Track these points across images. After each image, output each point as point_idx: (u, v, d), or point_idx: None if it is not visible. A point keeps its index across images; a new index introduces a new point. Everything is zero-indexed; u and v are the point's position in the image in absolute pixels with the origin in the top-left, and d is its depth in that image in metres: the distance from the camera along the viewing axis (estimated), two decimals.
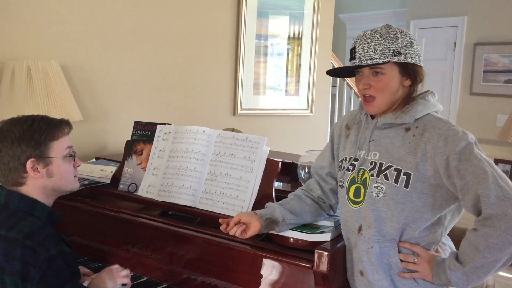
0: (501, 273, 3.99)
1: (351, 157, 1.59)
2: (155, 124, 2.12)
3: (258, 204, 1.75)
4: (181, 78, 3.26)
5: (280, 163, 1.85)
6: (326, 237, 1.58)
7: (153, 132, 2.11)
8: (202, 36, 3.32)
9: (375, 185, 1.50)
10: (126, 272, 1.65)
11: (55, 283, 1.37)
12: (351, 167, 1.58)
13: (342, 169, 1.62)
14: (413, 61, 1.49)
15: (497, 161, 4.63)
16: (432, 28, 5.44)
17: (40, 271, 1.35)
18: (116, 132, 2.90)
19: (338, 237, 1.63)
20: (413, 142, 1.47)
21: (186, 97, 3.30)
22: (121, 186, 2.12)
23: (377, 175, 1.50)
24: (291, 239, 1.59)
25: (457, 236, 1.96)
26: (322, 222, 1.70)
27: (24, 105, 2.31)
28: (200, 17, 3.30)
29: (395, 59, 1.47)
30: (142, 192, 2.03)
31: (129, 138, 2.19)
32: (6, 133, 1.45)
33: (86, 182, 2.14)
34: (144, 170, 2.07)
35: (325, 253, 1.48)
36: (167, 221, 1.87)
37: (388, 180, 1.48)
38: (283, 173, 1.95)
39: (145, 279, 1.87)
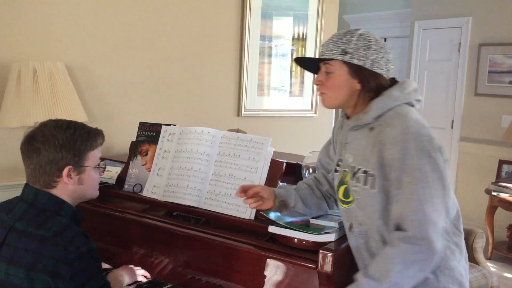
0: (507, 274, 3.98)
1: (339, 159, 1.63)
2: (160, 125, 2.13)
3: None
4: (185, 79, 3.27)
5: (285, 163, 1.86)
6: (331, 237, 1.58)
7: (158, 133, 2.12)
8: (206, 38, 3.33)
9: (353, 188, 1.53)
10: (144, 271, 1.75)
11: (84, 279, 1.41)
12: (338, 168, 1.62)
13: (333, 170, 1.66)
14: (360, 63, 1.48)
15: (501, 162, 4.62)
16: (436, 29, 5.42)
17: (71, 268, 1.38)
18: (121, 133, 2.91)
19: (342, 238, 1.63)
20: (373, 141, 1.47)
21: (190, 98, 3.31)
22: (126, 186, 2.13)
23: (352, 178, 1.53)
24: (296, 239, 1.59)
25: None
26: (327, 223, 1.70)
27: (30, 106, 2.32)
28: (204, 19, 3.30)
29: (340, 57, 1.49)
30: (147, 192, 2.04)
31: (134, 139, 2.20)
32: (49, 137, 1.49)
33: None
34: (149, 171, 2.08)
35: (330, 254, 1.49)
36: (172, 222, 1.88)
37: (360, 183, 1.50)
38: (287, 173, 1.96)
39: (150, 279, 1.87)
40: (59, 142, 1.49)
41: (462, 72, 5.17)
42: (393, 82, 1.56)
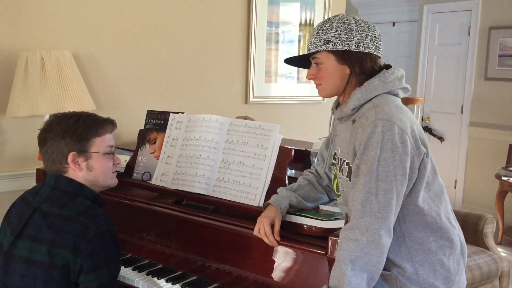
0: None
1: (334, 152, 1.64)
2: (168, 113, 2.13)
3: (271, 192, 1.75)
4: (193, 66, 3.25)
5: (293, 150, 1.85)
6: (340, 224, 1.57)
7: (166, 121, 2.12)
8: (213, 24, 3.31)
9: (340, 180, 1.55)
10: None
11: (102, 259, 1.46)
12: (333, 162, 1.63)
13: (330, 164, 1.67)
14: (344, 48, 1.48)
15: None
16: (446, 12, 5.35)
17: (90, 245, 1.44)
18: (129, 121, 2.91)
19: None
20: (353, 133, 1.47)
21: (198, 85, 3.30)
22: (135, 175, 2.14)
23: (339, 170, 1.55)
24: (305, 226, 1.59)
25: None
26: (336, 209, 1.70)
27: (38, 95, 2.33)
28: (211, 5, 3.28)
29: (323, 48, 1.50)
30: (156, 180, 2.05)
31: (142, 127, 2.20)
32: (54, 125, 1.57)
33: None
34: (158, 159, 2.09)
35: (339, 240, 1.48)
36: (181, 209, 1.88)
37: (343, 175, 1.52)
38: (296, 160, 1.95)
39: (160, 266, 1.89)
40: (62, 129, 1.55)
41: (472, 56, 5.11)
42: (386, 68, 1.53)
